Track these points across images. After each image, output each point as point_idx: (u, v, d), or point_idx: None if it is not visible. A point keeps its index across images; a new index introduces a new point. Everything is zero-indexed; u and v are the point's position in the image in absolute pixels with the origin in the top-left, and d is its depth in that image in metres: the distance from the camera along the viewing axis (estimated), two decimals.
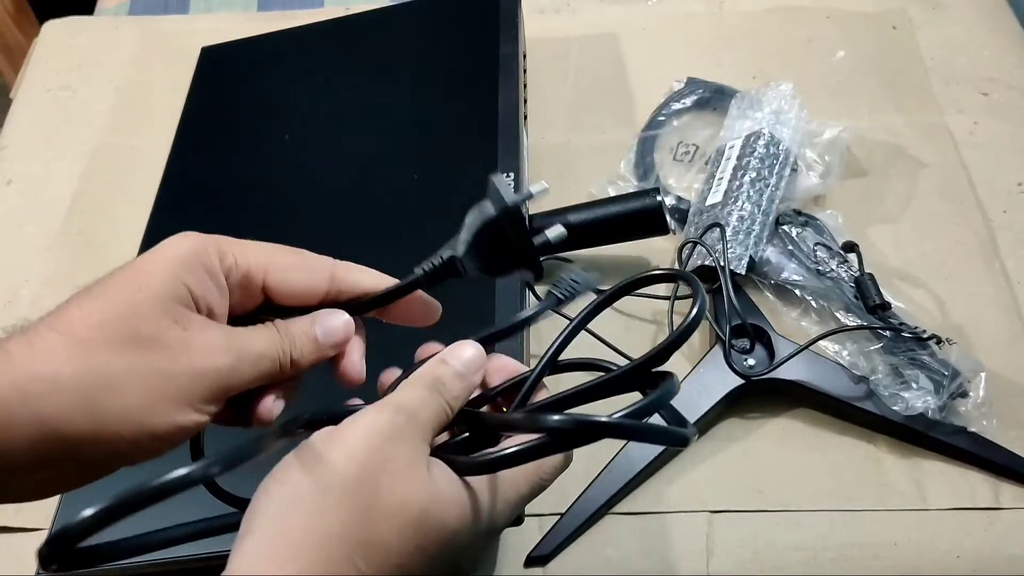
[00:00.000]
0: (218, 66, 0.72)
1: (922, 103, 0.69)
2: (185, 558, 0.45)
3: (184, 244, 0.32)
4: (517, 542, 0.49)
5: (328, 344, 0.35)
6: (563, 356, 0.37)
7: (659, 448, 0.51)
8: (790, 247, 0.58)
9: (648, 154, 0.66)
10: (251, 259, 0.34)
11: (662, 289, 0.60)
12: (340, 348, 0.35)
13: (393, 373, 0.37)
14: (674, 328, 0.55)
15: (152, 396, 0.30)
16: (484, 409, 0.36)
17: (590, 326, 0.55)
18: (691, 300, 0.34)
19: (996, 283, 0.59)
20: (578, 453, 0.52)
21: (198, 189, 0.64)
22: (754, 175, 0.60)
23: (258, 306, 0.35)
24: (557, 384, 0.37)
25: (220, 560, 0.45)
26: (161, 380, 0.30)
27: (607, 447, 0.52)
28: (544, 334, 0.58)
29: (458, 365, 0.34)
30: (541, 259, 0.60)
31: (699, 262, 0.57)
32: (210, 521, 0.34)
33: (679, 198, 0.63)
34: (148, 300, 0.31)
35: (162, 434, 0.30)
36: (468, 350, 0.35)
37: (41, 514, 0.51)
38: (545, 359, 0.36)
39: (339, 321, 0.35)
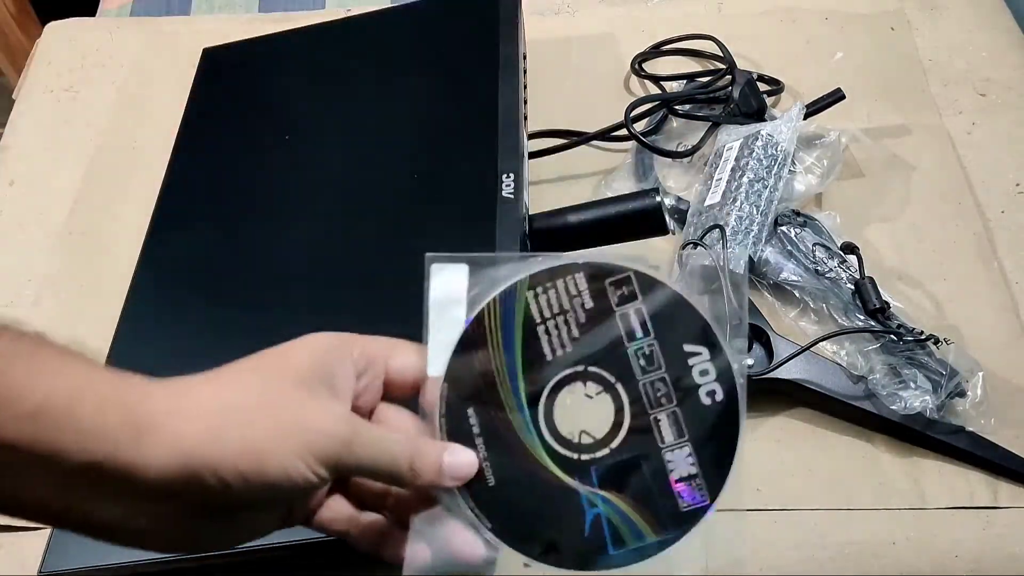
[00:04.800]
0: (219, 67, 0.72)
1: (920, 104, 0.69)
2: (180, 558, 0.45)
3: (323, 335, 0.35)
4: None
5: (449, 475, 0.35)
6: None
7: None
8: (789, 247, 0.58)
9: (647, 155, 0.66)
10: (374, 346, 0.36)
11: None
12: (458, 483, 0.35)
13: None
14: None
15: (270, 437, 0.32)
16: None
17: None
18: None
19: (994, 283, 0.59)
20: None
21: (199, 190, 0.64)
22: (752, 176, 0.60)
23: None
24: None
25: (217, 559, 0.45)
26: (280, 426, 0.32)
27: None
28: None
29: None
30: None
31: (699, 262, 0.57)
32: None
33: (679, 198, 0.63)
34: (283, 369, 0.34)
35: (272, 479, 0.31)
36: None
37: None
38: None
39: (466, 458, 0.35)
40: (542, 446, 0.35)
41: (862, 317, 0.54)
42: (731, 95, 0.66)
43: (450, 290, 0.36)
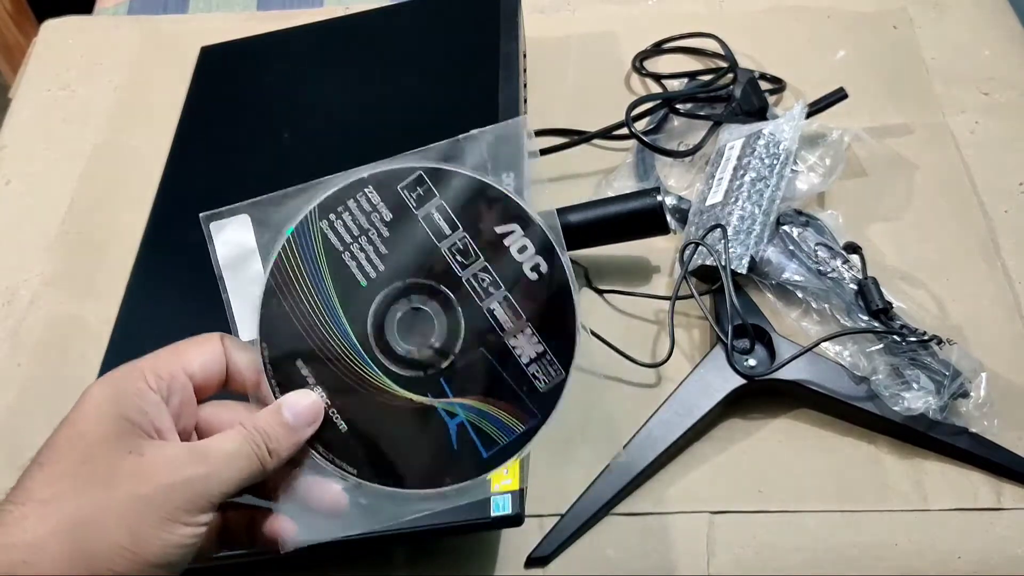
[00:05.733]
0: (217, 65, 0.72)
1: (923, 103, 0.69)
2: None
3: (102, 385, 0.33)
4: (517, 542, 0.49)
5: (301, 425, 0.34)
6: None
7: (660, 449, 0.51)
8: (791, 247, 0.58)
9: (648, 154, 0.66)
10: (162, 363, 0.34)
11: (662, 288, 0.60)
12: (314, 427, 0.34)
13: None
14: (674, 328, 0.55)
15: (131, 523, 0.30)
16: None
17: (592, 326, 0.56)
18: (692, 299, 0.34)
19: (997, 283, 0.59)
20: (579, 454, 0.52)
21: (197, 188, 0.63)
22: (754, 175, 0.59)
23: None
24: None
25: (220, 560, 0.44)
26: (134, 505, 0.30)
27: (606, 446, 0.52)
28: None
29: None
30: None
31: (700, 262, 0.57)
32: None
33: (679, 198, 0.63)
34: (93, 445, 0.31)
35: (157, 557, 0.30)
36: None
37: None
38: None
39: (306, 400, 0.34)
40: (384, 373, 0.33)
41: (865, 317, 0.54)
42: (733, 94, 0.66)
43: (238, 245, 0.34)
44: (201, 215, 0.35)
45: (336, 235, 0.34)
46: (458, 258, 0.34)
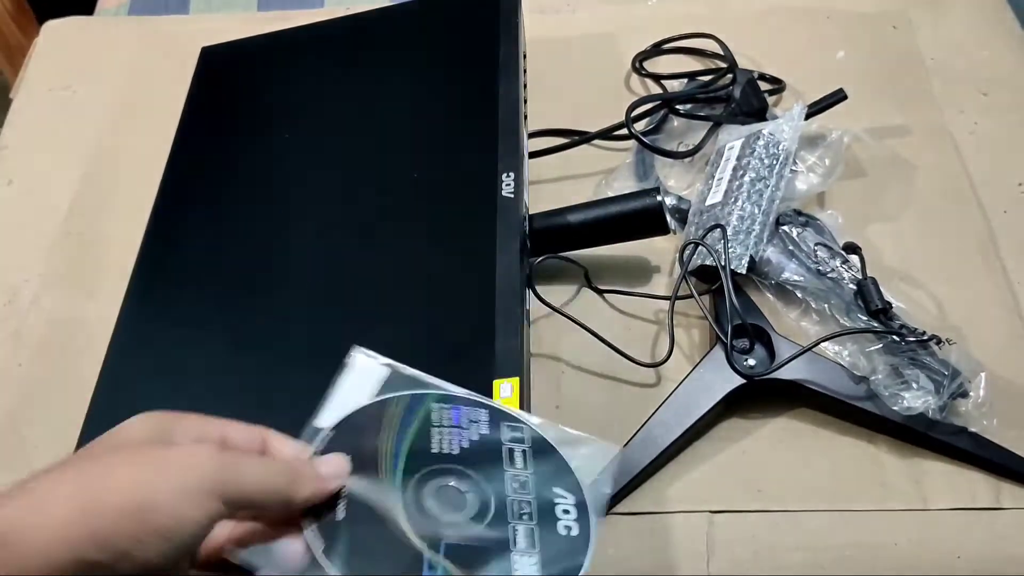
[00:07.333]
0: (218, 66, 0.72)
1: (922, 103, 0.69)
2: None
3: (142, 416, 0.33)
4: None
5: (331, 475, 0.35)
6: None
7: (660, 448, 0.51)
8: (790, 247, 0.58)
9: (648, 154, 0.66)
10: (205, 420, 0.35)
11: (662, 288, 0.60)
12: (339, 482, 0.36)
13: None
14: (674, 328, 0.55)
15: (143, 486, 0.30)
16: None
17: (592, 326, 0.56)
18: (692, 299, 0.34)
19: (996, 283, 0.59)
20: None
21: (198, 189, 0.64)
22: (754, 175, 0.60)
23: None
24: None
25: None
26: (150, 468, 0.30)
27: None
28: (543, 332, 0.58)
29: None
30: (540, 259, 0.60)
31: (700, 262, 0.57)
32: None
33: (679, 198, 0.63)
34: (127, 440, 0.32)
35: (166, 527, 0.29)
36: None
37: None
38: None
39: (335, 458, 0.36)
40: (403, 506, 0.36)
41: (864, 317, 0.54)
42: (732, 94, 0.66)
43: (358, 385, 0.39)
44: (355, 347, 0.40)
45: (439, 416, 0.39)
46: (514, 484, 0.37)
